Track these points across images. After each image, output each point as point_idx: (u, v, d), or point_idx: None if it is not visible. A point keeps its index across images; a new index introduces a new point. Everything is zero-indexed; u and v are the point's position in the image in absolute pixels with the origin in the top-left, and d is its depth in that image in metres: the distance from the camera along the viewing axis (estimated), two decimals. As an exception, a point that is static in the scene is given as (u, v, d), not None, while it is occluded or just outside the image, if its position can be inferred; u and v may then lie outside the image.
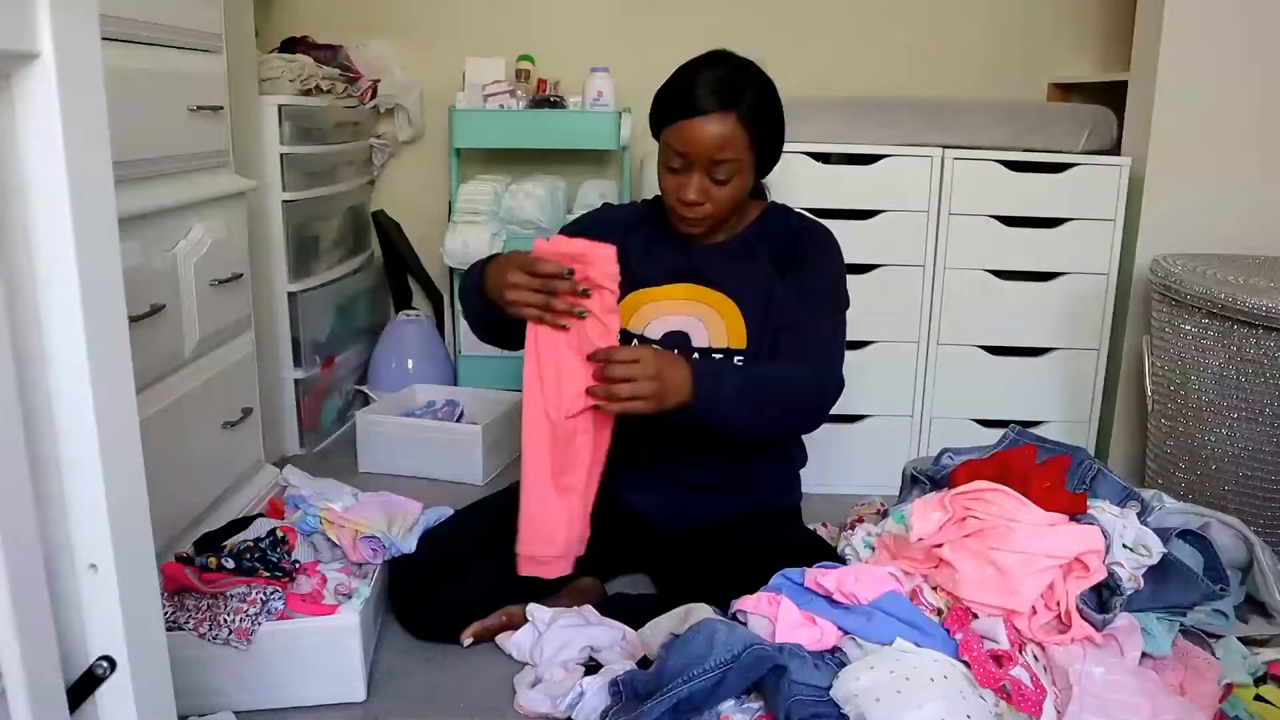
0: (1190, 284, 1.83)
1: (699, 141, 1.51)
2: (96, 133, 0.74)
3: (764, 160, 1.60)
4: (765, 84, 1.58)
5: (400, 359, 2.70)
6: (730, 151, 1.51)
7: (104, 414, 0.74)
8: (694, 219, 1.59)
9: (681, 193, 1.56)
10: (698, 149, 1.51)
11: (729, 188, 1.55)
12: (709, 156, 1.51)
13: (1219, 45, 2.16)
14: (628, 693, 1.27)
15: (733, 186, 1.56)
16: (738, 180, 1.56)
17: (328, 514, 1.62)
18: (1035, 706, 1.23)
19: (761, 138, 1.55)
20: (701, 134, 1.50)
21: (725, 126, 1.50)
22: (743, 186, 1.58)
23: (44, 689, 0.70)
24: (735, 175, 1.54)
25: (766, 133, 1.56)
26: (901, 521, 1.47)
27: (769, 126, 1.57)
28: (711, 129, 1.50)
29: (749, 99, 1.52)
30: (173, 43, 1.67)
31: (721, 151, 1.51)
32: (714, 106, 1.50)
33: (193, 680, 1.34)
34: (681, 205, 1.57)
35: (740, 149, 1.52)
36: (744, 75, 1.55)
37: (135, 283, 1.48)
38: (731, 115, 1.50)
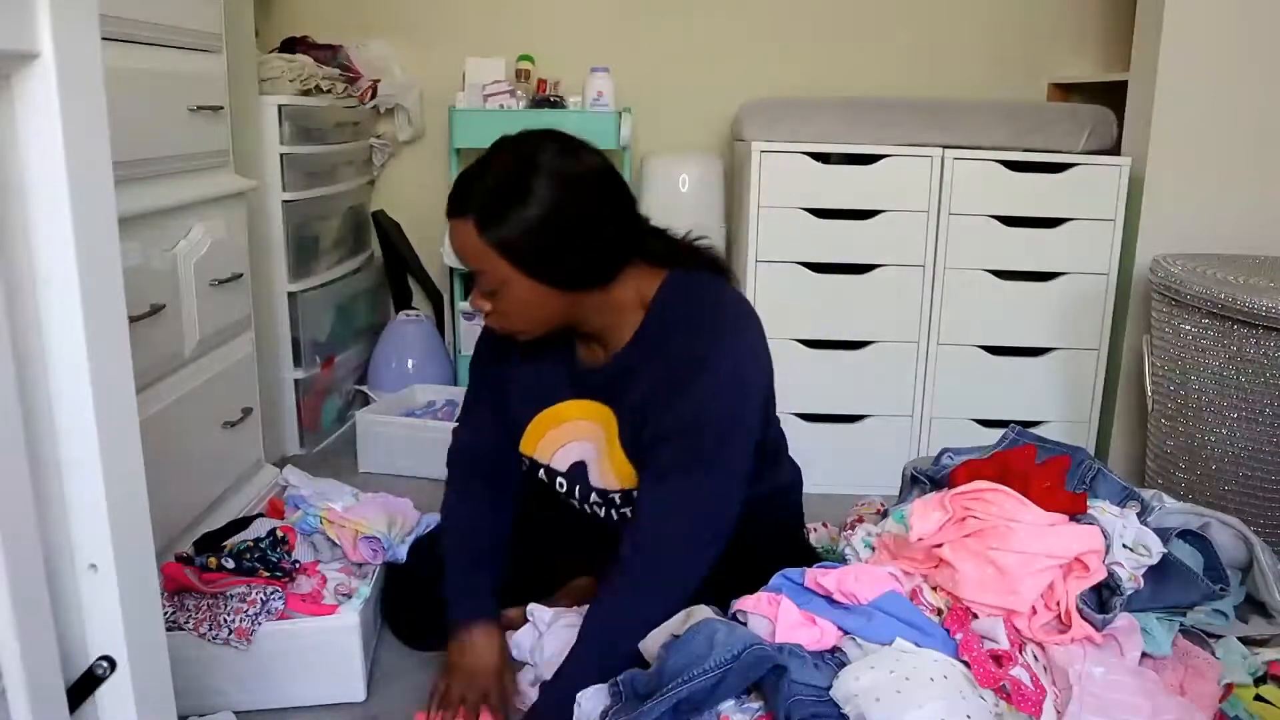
0: (1190, 284, 1.83)
1: (452, 246, 1.32)
2: (96, 133, 0.74)
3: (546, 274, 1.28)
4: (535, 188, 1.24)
5: (400, 359, 2.70)
6: (480, 263, 1.27)
7: (104, 414, 0.74)
8: (496, 328, 1.36)
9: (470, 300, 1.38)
10: (456, 254, 1.32)
11: (503, 301, 1.30)
12: (467, 266, 1.31)
13: (1219, 45, 2.16)
14: (627, 693, 1.27)
15: (509, 299, 1.29)
16: (509, 293, 1.29)
17: (328, 514, 1.62)
18: (1035, 706, 1.23)
19: (514, 250, 1.25)
20: (450, 238, 1.30)
21: (462, 234, 1.27)
22: (522, 299, 1.29)
23: (44, 689, 0.70)
24: (501, 288, 1.28)
25: (523, 244, 1.25)
26: (901, 521, 1.47)
27: (529, 235, 1.24)
28: (454, 235, 1.29)
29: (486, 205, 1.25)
30: (173, 43, 1.67)
31: (471, 262, 1.29)
32: (452, 210, 1.28)
33: (193, 680, 1.34)
34: None
35: (488, 262, 1.26)
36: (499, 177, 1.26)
37: (135, 283, 1.48)
38: (467, 222, 1.25)
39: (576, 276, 1.31)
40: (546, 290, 1.29)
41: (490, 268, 1.27)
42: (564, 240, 1.27)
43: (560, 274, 1.29)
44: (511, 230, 1.24)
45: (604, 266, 1.33)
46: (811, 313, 2.26)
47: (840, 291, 2.25)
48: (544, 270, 1.28)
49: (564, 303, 1.32)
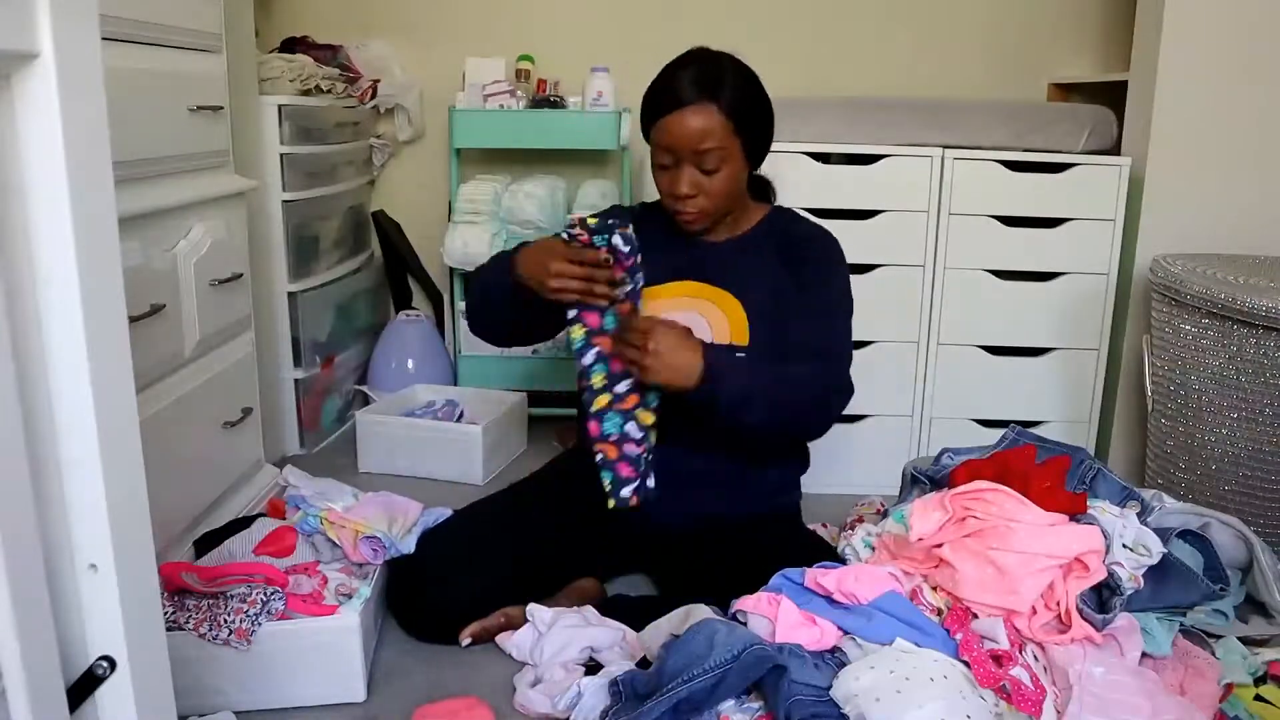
0: (1190, 284, 1.83)
1: (681, 134, 1.54)
2: (96, 133, 0.74)
3: (752, 148, 1.61)
4: (744, 73, 1.59)
5: (400, 359, 2.70)
6: (713, 141, 1.54)
7: (104, 414, 0.74)
8: (690, 213, 1.61)
9: (674, 187, 1.58)
10: (681, 142, 1.54)
11: (719, 178, 1.57)
12: (693, 148, 1.54)
13: (1219, 45, 2.16)
14: (627, 693, 1.27)
15: (723, 176, 1.57)
16: (727, 169, 1.57)
17: (328, 514, 1.62)
18: (1035, 706, 1.23)
19: (745, 124, 1.56)
20: (683, 126, 1.54)
21: (705, 116, 1.53)
22: (734, 175, 1.59)
23: (44, 689, 0.70)
24: (723, 164, 1.56)
25: (750, 119, 1.57)
26: (901, 521, 1.47)
27: (752, 113, 1.58)
28: (692, 120, 1.53)
29: (727, 88, 1.54)
30: (173, 43, 1.67)
31: (704, 141, 1.53)
32: (692, 98, 1.53)
33: (193, 680, 1.34)
34: (675, 200, 1.60)
35: (724, 137, 1.54)
36: (720, 66, 1.57)
37: (135, 283, 1.48)
38: (711, 105, 1.53)
39: (762, 153, 1.65)
40: (744, 165, 1.61)
41: (722, 145, 1.54)
42: (765, 113, 1.61)
43: (760, 147, 1.63)
44: (740, 101, 1.56)
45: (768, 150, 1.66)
46: (811, 313, 2.25)
47: (840, 291, 2.25)
48: (755, 141, 1.60)
49: (744, 182, 1.65)
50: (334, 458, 2.42)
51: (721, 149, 1.55)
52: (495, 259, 1.69)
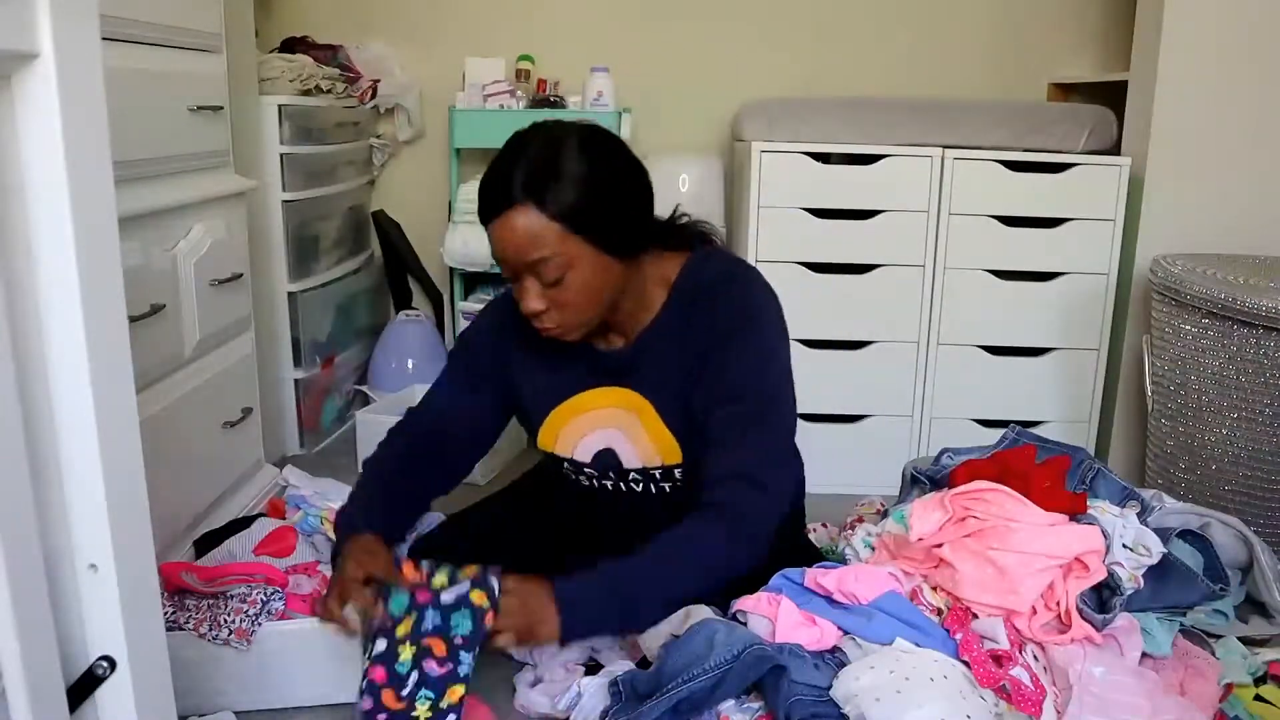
0: (1190, 284, 1.83)
1: (505, 245, 1.28)
2: (96, 133, 0.74)
3: (609, 240, 1.30)
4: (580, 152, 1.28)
5: (400, 359, 2.70)
6: (541, 249, 1.25)
7: (104, 414, 0.74)
8: (550, 329, 1.33)
9: (522, 304, 1.32)
10: (508, 254, 1.28)
11: (568, 288, 1.29)
12: (523, 261, 1.27)
13: (1219, 45, 2.15)
14: (627, 693, 1.27)
15: (574, 285, 1.29)
16: (574, 276, 1.28)
17: (328, 514, 1.62)
18: (1035, 706, 1.23)
19: (585, 221, 1.27)
20: (501, 237, 1.28)
21: (524, 222, 1.25)
22: (591, 278, 1.29)
23: (44, 689, 0.70)
24: (568, 271, 1.27)
25: (591, 213, 1.27)
26: (901, 521, 1.47)
27: (592, 204, 1.27)
28: (507, 231, 1.27)
29: (543, 180, 1.25)
30: (173, 43, 1.67)
31: (531, 252, 1.26)
32: (502, 205, 1.26)
33: (193, 680, 1.34)
34: (530, 318, 1.33)
35: (553, 242, 1.25)
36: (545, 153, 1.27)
37: (135, 283, 1.48)
38: (527, 207, 1.25)
39: (630, 237, 1.33)
40: (604, 261, 1.30)
41: (555, 248, 1.26)
42: (614, 196, 1.30)
43: (615, 235, 1.30)
44: (568, 196, 1.25)
45: (646, 227, 1.37)
46: (811, 313, 2.25)
47: (840, 291, 2.25)
48: (602, 232, 1.29)
49: (617, 278, 1.33)
50: (334, 458, 2.42)
51: (558, 255, 1.26)
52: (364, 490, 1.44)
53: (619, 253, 1.32)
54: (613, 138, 1.35)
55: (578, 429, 1.47)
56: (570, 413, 1.47)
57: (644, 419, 1.43)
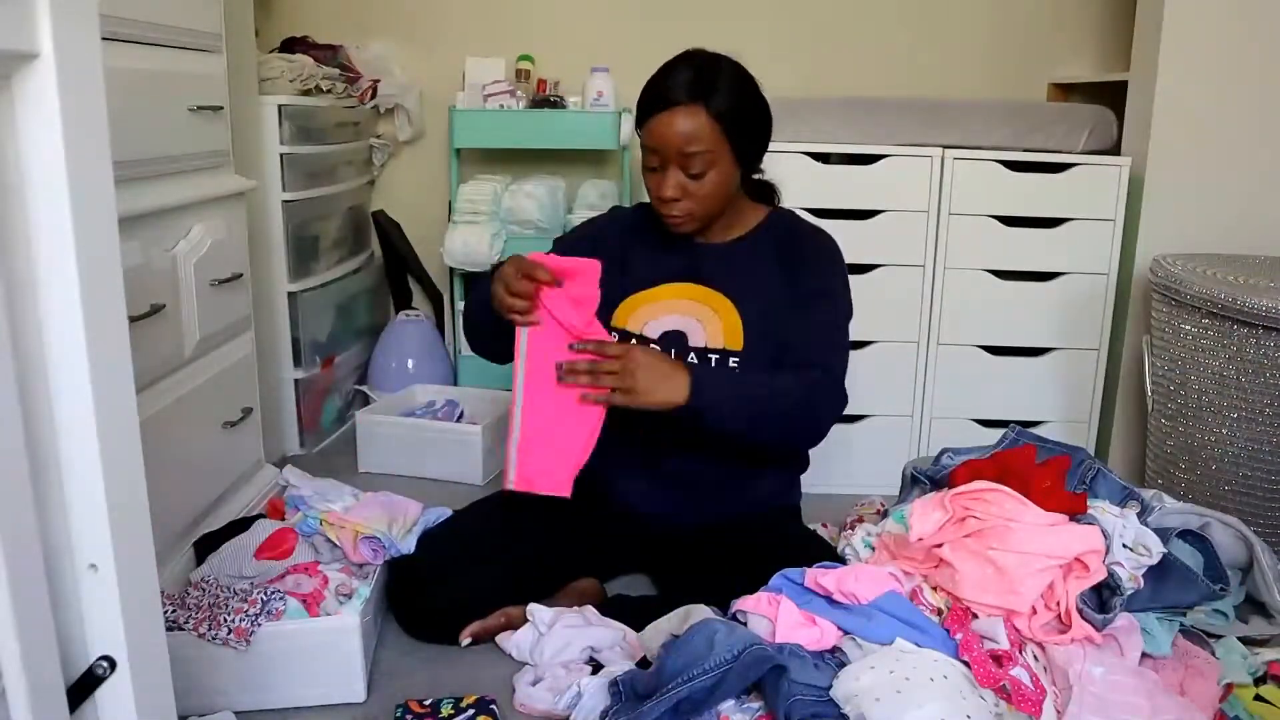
0: (1190, 284, 1.83)
1: (667, 136, 1.50)
2: (96, 133, 0.74)
3: (744, 152, 1.57)
4: (738, 75, 1.55)
5: (400, 359, 2.70)
6: (700, 144, 1.50)
7: (104, 414, 0.74)
8: (676, 216, 1.57)
9: (659, 190, 1.55)
10: (667, 143, 1.51)
11: (707, 182, 1.53)
12: (679, 150, 1.50)
13: (1219, 45, 2.16)
14: (627, 693, 1.27)
15: (711, 180, 1.53)
16: (715, 174, 1.53)
17: (328, 515, 1.62)
18: (1035, 706, 1.23)
19: (735, 128, 1.52)
20: (668, 128, 1.50)
21: (692, 118, 1.49)
22: (722, 180, 1.55)
23: (44, 689, 0.70)
24: (710, 168, 1.52)
25: (741, 123, 1.53)
26: (901, 521, 1.47)
27: (743, 116, 1.54)
28: (678, 123, 1.50)
29: (718, 90, 1.50)
30: (173, 43, 1.67)
31: (690, 144, 1.50)
32: (680, 100, 1.49)
33: (193, 680, 1.34)
34: (660, 203, 1.56)
35: (711, 140, 1.50)
36: (713, 69, 1.53)
37: (135, 283, 1.48)
38: (698, 106, 1.49)
39: (756, 157, 1.61)
40: (735, 170, 1.56)
41: (711, 146, 1.50)
42: (758, 117, 1.57)
43: (752, 150, 1.59)
44: (731, 103, 1.51)
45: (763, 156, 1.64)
46: (811, 313, 2.25)
47: (840, 291, 2.25)
48: (745, 144, 1.56)
49: (736, 186, 1.60)
50: (334, 458, 2.42)
51: (709, 153, 1.51)
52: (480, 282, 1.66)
53: (748, 164, 1.60)
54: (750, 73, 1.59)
55: (652, 312, 1.65)
56: (649, 299, 1.65)
57: (721, 311, 1.62)
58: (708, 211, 1.58)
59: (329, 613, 1.47)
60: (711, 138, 1.50)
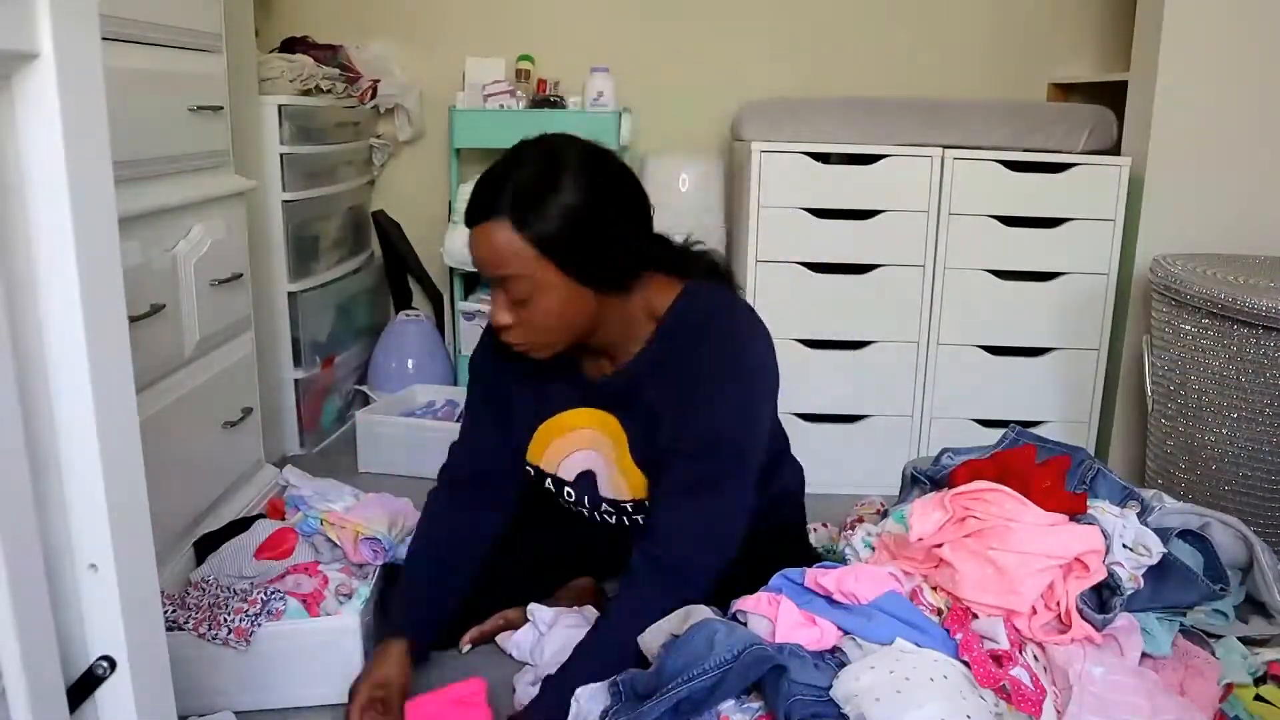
0: (1190, 284, 1.83)
1: (475, 255, 1.28)
2: (96, 133, 0.74)
3: (584, 271, 1.27)
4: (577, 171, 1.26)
5: (400, 359, 2.70)
6: (512, 267, 1.24)
7: (104, 414, 0.74)
8: (517, 345, 1.32)
9: (491, 314, 1.32)
10: (479, 263, 1.28)
11: (535, 309, 1.27)
12: (493, 274, 1.27)
13: (1219, 45, 2.15)
14: (627, 693, 1.27)
15: (540, 308, 1.27)
16: (543, 299, 1.26)
17: (328, 515, 1.62)
18: (1035, 706, 1.23)
19: (560, 248, 1.24)
20: (474, 247, 1.27)
21: (497, 237, 1.23)
22: (555, 308, 1.27)
23: (44, 689, 0.70)
24: (535, 294, 1.26)
25: (569, 241, 1.24)
26: (901, 521, 1.47)
27: (573, 233, 1.24)
28: (482, 241, 1.25)
29: (528, 199, 1.23)
30: (173, 43, 1.67)
31: (501, 268, 1.25)
32: (481, 215, 1.25)
33: (193, 680, 1.34)
34: (497, 331, 1.32)
35: (524, 263, 1.23)
36: (535, 170, 1.26)
37: (135, 283, 1.48)
38: (504, 223, 1.23)
39: (610, 274, 1.30)
40: (578, 291, 1.28)
41: (525, 270, 1.24)
42: (600, 232, 1.26)
43: (595, 271, 1.28)
44: (550, 223, 1.23)
45: (633, 264, 1.33)
46: (811, 313, 2.26)
47: (840, 291, 2.25)
48: (580, 264, 1.26)
49: (591, 309, 1.30)
50: (334, 458, 2.42)
51: (525, 276, 1.24)
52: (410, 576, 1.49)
53: (596, 285, 1.29)
54: (619, 167, 1.32)
55: (564, 446, 1.48)
56: (557, 429, 1.47)
57: (618, 450, 1.43)
58: (551, 339, 1.32)
59: (329, 613, 1.47)
60: (524, 260, 1.23)
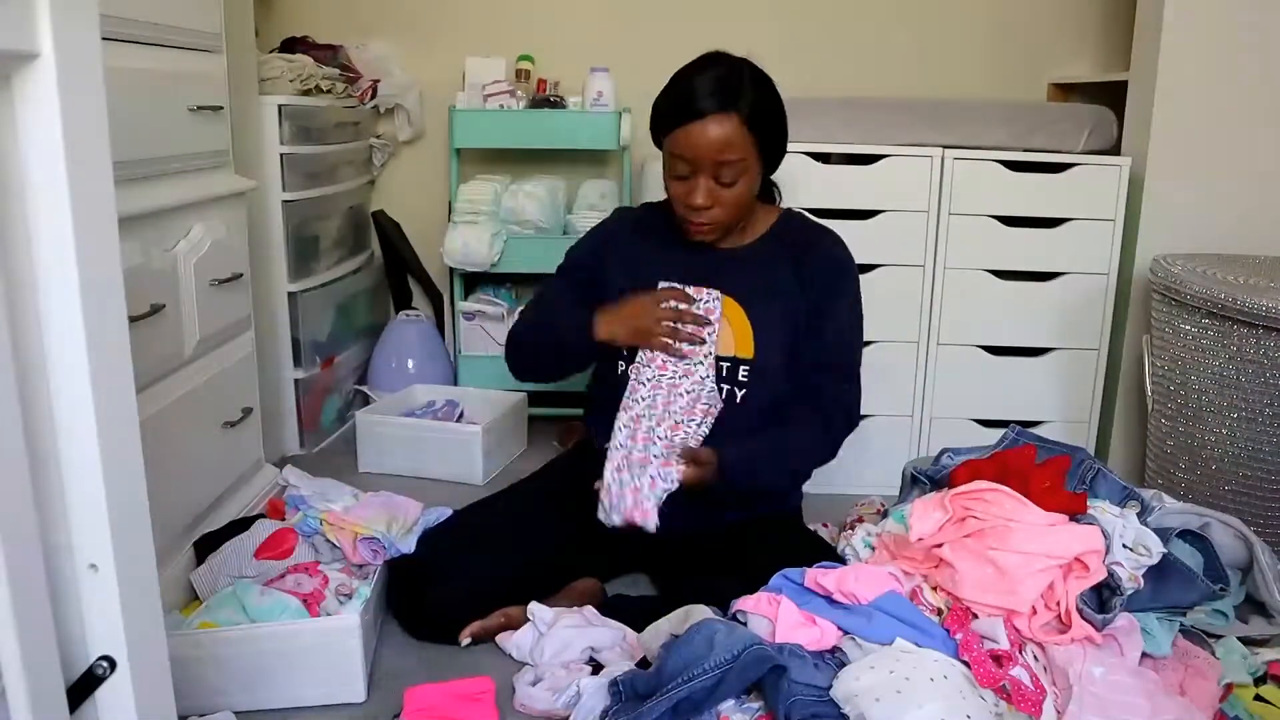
0: (1190, 284, 1.83)
1: (702, 145, 1.50)
2: (96, 133, 0.74)
3: (769, 158, 1.59)
4: (763, 81, 1.56)
5: (400, 359, 2.70)
6: (734, 152, 1.50)
7: (104, 414, 0.74)
8: (704, 224, 1.58)
9: (689, 198, 1.55)
10: (701, 153, 1.51)
11: (736, 189, 1.54)
12: (713, 159, 1.51)
13: (1219, 45, 2.16)
14: (628, 693, 1.27)
15: (740, 188, 1.55)
16: (744, 181, 1.55)
17: (328, 516, 1.62)
18: (1035, 706, 1.23)
19: (764, 135, 1.54)
20: (703, 137, 1.49)
21: (727, 128, 1.49)
22: (750, 187, 1.57)
23: (44, 689, 0.70)
24: (742, 176, 1.53)
25: (769, 130, 1.55)
26: (901, 521, 1.47)
27: (771, 123, 1.56)
28: (713, 131, 1.49)
29: (748, 98, 1.51)
30: (173, 43, 1.67)
31: (725, 153, 1.50)
32: (713, 108, 1.49)
33: (193, 680, 1.34)
34: (689, 211, 1.57)
35: (744, 149, 1.51)
36: (740, 75, 1.53)
37: (135, 283, 1.48)
38: (732, 116, 1.49)
39: (779, 159, 1.62)
40: (759, 178, 1.59)
41: (742, 156, 1.51)
42: (782, 118, 1.58)
43: (777, 155, 1.60)
44: (763, 111, 1.53)
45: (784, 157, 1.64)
46: (811, 313, 2.25)
47: (840, 291, 2.25)
48: (773, 151, 1.58)
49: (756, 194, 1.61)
50: (334, 458, 2.42)
51: (741, 160, 1.52)
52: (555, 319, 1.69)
53: (772, 167, 1.63)
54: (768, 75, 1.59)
55: None
56: None
57: (730, 315, 1.63)
58: (735, 219, 1.60)
59: (329, 613, 1.47)
60: (744, 146, 1.51)
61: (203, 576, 1.59)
